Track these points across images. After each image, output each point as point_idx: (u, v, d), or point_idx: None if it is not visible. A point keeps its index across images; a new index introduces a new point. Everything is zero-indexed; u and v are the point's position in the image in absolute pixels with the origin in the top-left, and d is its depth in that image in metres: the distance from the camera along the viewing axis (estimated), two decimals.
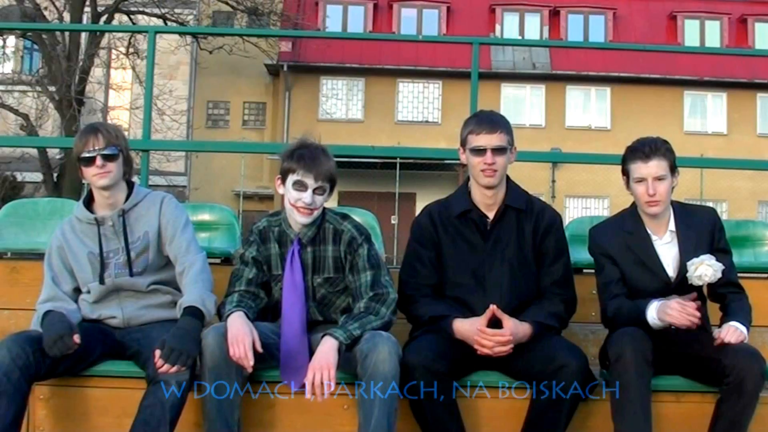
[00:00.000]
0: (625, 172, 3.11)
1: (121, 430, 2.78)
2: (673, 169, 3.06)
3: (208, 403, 2.76)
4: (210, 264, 3.78)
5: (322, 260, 2.99)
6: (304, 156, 2.92)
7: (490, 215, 3.10)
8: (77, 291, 3.03)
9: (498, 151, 3.03)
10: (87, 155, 2.94)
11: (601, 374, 3.06)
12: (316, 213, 2.95)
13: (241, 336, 2.71)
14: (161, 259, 3.04)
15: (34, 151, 17.98)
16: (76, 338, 2.69)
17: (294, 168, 2.91)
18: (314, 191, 2.90)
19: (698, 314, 2.84)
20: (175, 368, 2.66)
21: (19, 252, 3.87)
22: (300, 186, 2.90)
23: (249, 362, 2.69)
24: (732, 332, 2.85)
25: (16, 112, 18.22)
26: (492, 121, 3.09)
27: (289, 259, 2.96)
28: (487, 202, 3.10)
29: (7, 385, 2.60)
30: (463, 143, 3.12)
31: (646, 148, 3.04)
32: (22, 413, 2.67)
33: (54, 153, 18.01)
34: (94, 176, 2.95)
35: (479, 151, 3.04)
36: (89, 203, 3.05)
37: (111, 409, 2.89)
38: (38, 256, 3.85)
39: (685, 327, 2.83)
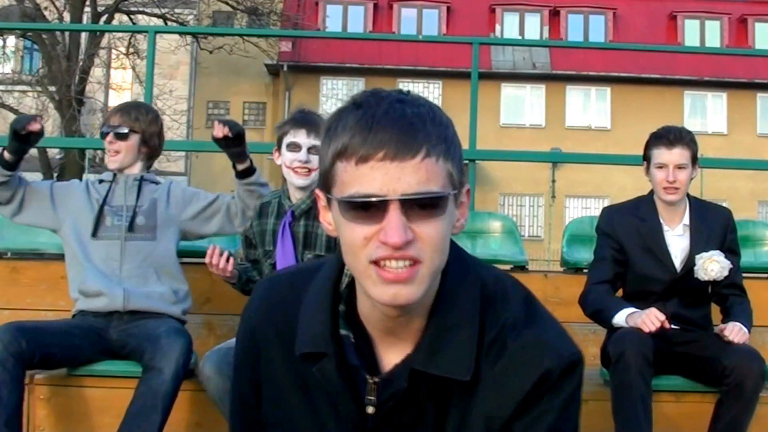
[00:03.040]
0: (647, 158, 3.11)
1: None
2: (694, 159, 3.06)
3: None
4: None
5: (314, 236, 2.93)
6: (295, 117, 2.96)
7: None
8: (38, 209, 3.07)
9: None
10: (102, 130, 3.12)
11: (602, 374, 3.07)
12: (314, 174, 2.90)
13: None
14: (171, 232, 3.08)
15: (34, 151, 17.83)
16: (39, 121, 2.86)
17: (287, 130, 2.93)
18: (309, 150, 2.89)
19: (659, 325, 2.81)
20: (226, 129, 2.91)
21: (19, 252, 3.87)
22: (294, 147, 2.90)
23: (226, 265, 2.83)
24: (737, 331, 2.85)
25: (16, 112, 18.21)
26: None
27: (281, 231, 2.93)
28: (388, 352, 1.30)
29: (4, 374, 2.62)
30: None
31: (671, 135, 3.04)
32: (21, 399, 2.69)
33: (54, 153, 18.01)
34: (107, 154, 3.11)
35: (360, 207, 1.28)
36: None
37: (111, 409, 2.89)
38: (38, 256, 3.86)
39: (648, 330, 2.81)
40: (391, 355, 1.26)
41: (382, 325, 1.24)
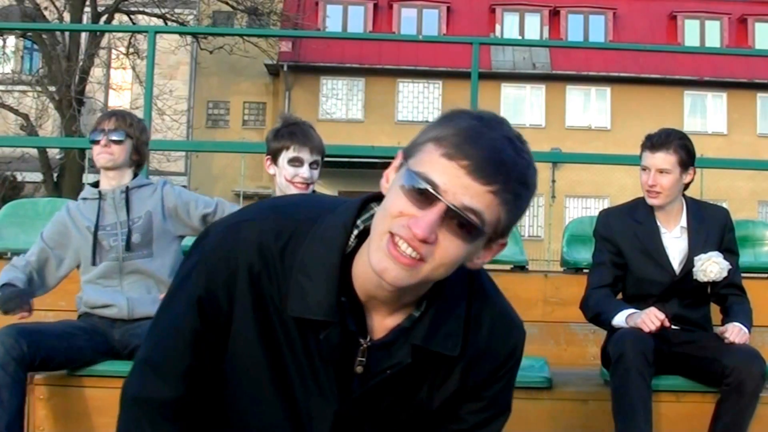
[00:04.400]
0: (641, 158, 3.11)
1: None
2: (684, 164, 3.02)
3: None
4: None
5: None
6: (296, 132, 2.96)
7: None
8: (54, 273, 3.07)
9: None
10: (94, 136, 3.07)
11: (602, 374, 3.06)
12: (311, 188, 2.97)
13: None
14: (166, 243, 3.06)
15: (34, 151, 17.98)
16: (31, 304, 2.82)
17: (288, 145, 2.93)
18: (310, 165, 2.94)
19: (659, 324, 2.82)
20: None
21: (19, 252, 3.85)
22: (296, 162, 2.92)
23: None
24: (737, 332, 2.85)
25: (16, 112, 18.23)
26: None
27: None
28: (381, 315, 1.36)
29: (6, 378, 2.62)
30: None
31: (654, 139, 3.03)
32: (23, 402, 2.70)
33: (54, 153, 18.01)
34: (98, 155, 3.05)
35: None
36: (96, 185, 3.14)
37: (111, 409, 2.85)
38: None
39: (648, 330, 2.82)
40: (378, 318, 1.35)
41: (373, 293, 1.30)
